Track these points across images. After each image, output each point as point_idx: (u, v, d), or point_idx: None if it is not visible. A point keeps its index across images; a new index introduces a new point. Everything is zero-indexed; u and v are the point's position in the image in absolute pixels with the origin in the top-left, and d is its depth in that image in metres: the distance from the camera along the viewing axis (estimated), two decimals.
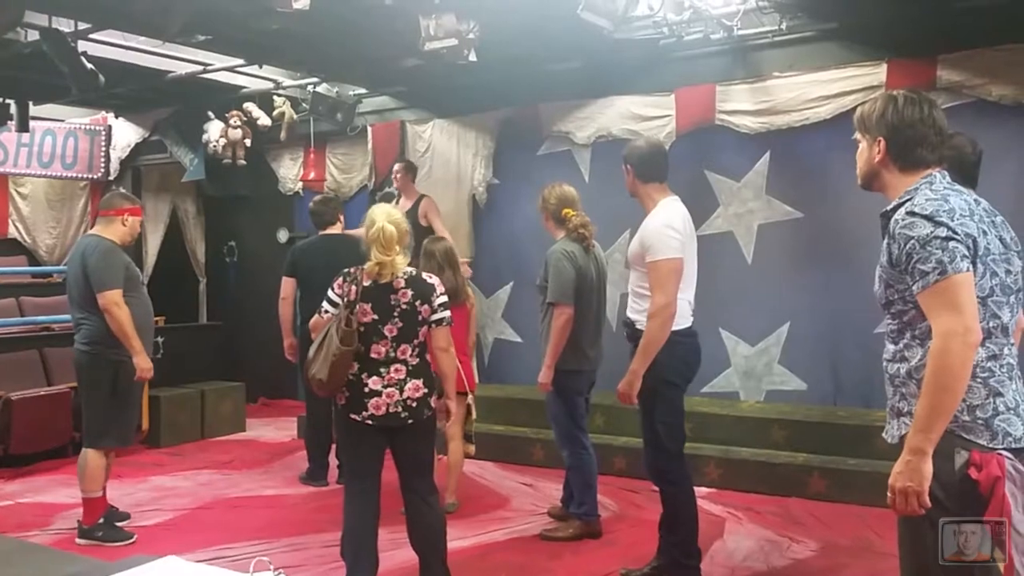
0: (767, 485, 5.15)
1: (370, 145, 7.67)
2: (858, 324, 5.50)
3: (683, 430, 3.82)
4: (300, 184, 8.35)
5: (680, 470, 3.79)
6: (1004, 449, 2.03)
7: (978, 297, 2.05)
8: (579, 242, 4.39)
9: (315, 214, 5.74)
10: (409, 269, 3.45)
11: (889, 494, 2.06)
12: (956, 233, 2.03)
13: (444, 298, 3.47)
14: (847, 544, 4.33)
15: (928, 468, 2.01)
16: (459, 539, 4.34)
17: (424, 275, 3.50)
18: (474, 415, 5.00)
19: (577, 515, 4.47)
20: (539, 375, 4.37)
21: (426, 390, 3.43)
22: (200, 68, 6.72)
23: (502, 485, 5.58)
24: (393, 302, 3.37)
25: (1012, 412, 2.08)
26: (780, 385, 6.02)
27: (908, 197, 2.17)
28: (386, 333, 3.37)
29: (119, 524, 4.66)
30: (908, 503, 2.02)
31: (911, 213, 2.10)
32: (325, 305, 3.43)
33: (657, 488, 3.85)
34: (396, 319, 3.37)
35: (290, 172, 8.49)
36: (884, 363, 2.24)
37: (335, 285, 3.44)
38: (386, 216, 3.43)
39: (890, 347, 2.23)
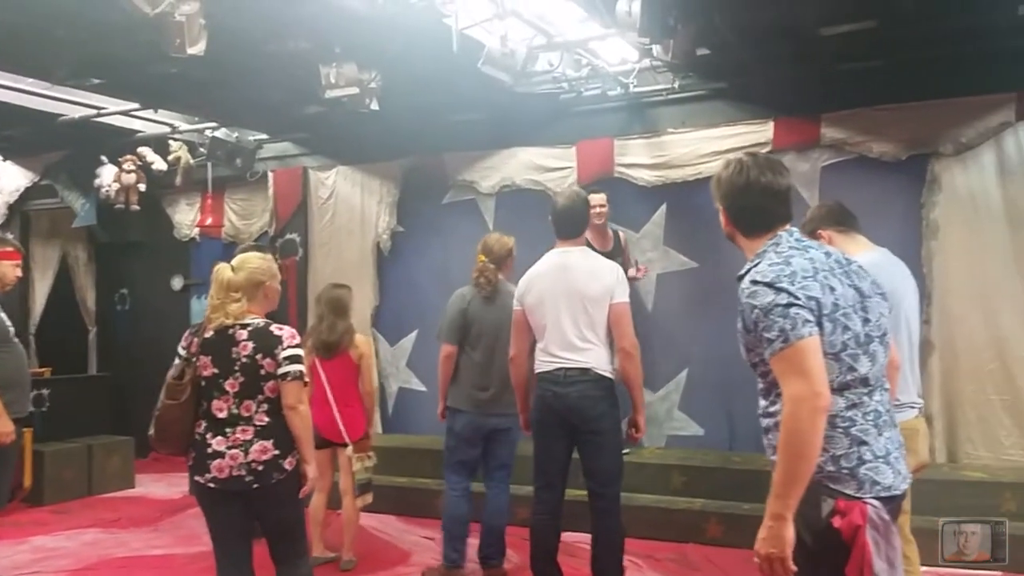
0: (666, 531, 5.21)
1: (271, 191, 7.57)
2: (751, 371, 5.65)
3: (538, 470, 3.97)
4: (196, 230, 8.14)
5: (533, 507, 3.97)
6: (873, 497, 2.07)
7: (830, 353, 2.07)
8: (476, 288, 4.49)
9: None
10: (255, 320, 3.19)
11: (755, 559, 2.08)
12: (797, 298, 2.06)
13: (294, 351, 3.16)
14: None
15: (789, 533, 2.03)
16: None
17: (273, 327, 3.19)
18: (361, 464, 4.79)
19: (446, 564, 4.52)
20: None
21: (277, 452, 3.12)
22: (94, 112, 6.53)
23: (403, 540, 5.47)
24: (234, 355, 3.13)
25: (881, 460, 2.11)
26: (679, 431, 6.15)
27: (756, 262, 2.21)
28: (227, 389, 3.14)
29: None
30: (773, 568, 2.05)
31: (754, 281, 2.14)
32: (177, 360, 3.25)
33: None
34: (237, 373, 3.13)
35: (186, 217, 8.28)
36: (758, 417, 2.28)
37: (183, 337, 3.27)
38: (240, 261, 3.27)
39: (761, 402, 2.27)
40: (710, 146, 5.96)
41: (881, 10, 4.66)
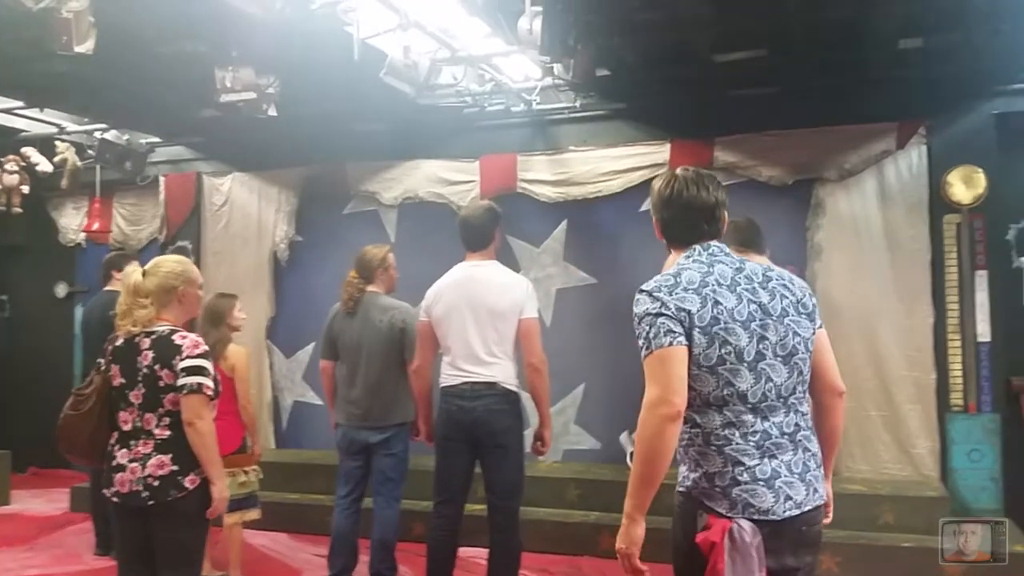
0: (561, 545, 5.25)
1: (162, 196, 7.30)
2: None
3: (439, 484, 3.98)
4: (83, 235, 7.77)
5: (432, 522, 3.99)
6: (747, 519, 2.10)
7: (705, 366, 2.11)
8: (341, 302, 4.52)
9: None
10: (161, 328, 3.05)
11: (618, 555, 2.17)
12: (667, 309, 2.12)
13: (194, 362, 2.99)
14: None
15: (637, 532, 2.12)
16: None
17: (176, 335, 3.04)
18: (234, 480, 4.52)
19: None
20: None
21: (175, 468, 2.98)
22: None
23: (295, 557, 5.34)
24: (138, 365, 3.02)
25: (761, 483, 2.12)
26: (576, 445, 6.22)
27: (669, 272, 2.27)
28: (132, 400, 3.03)
29: None
30: (623, 563, 2.15)
31: (640, 290, 2.21)
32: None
33: None
34: (140, 384, 3.01)
35: (72, 222, 7.90)
36: None
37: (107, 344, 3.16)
38: (154, 264, 3.15)
39: None
40: (610, 165, 6.08)
41: (771, 39, 4.87)
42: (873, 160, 5.55)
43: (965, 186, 5.34)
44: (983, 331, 5.32)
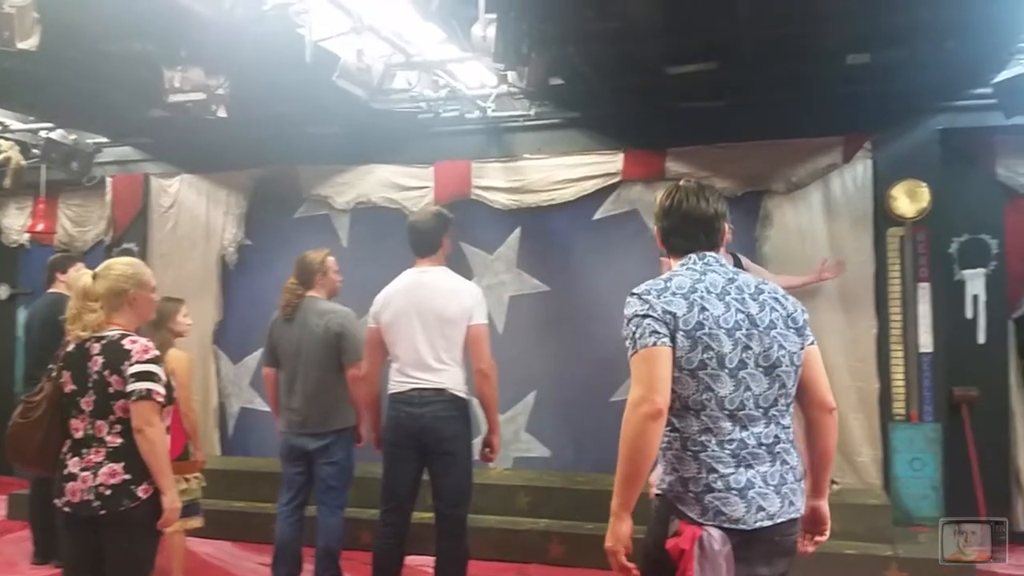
0: (510, 552, 5.24)
1: (109, 197, 7.14)
2: (597, 392, 5.84)
3: (386, 492, 3.96)
4: (27, 236, 7.59)
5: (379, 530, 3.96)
6: (717, 526, 2.12)
7: (687, 369, 2.15)
8: (279, 309, 4.48)
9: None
10: (112, 333, 2.98)
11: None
12: (653, 311, 2.18)
13: (143, 367, 2.91)
14: None
15: (622, 530, 2.15)
16: None
17: (127, 340, 2.96)
18: (181, 486, 4.56)
19: None
20: None
21: (128, 476, 2.90)
22: None
23: (239, 566, 5.25)
24: (88, 371, 2.94)
25: (735, 492, 2.14)
26: (526, 452, 6.21)
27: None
28: (84, 407, 2.94)
29: None
30: (611, 562, 2.16)
31: (631, 293, 2.26)
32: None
33: None
34: (91, 391, 2.93)
35: (15, 222, 7.72)
36: None
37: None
38: (104, 267, 3.06)
39: None
40: (564, 173, 6.10)
41: (722, 53, 4.93)
42: (820, 173, 5.66)
43: (909, 200, 5.46)
44: (925, 342, 5.44)
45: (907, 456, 5.39)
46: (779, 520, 2.19)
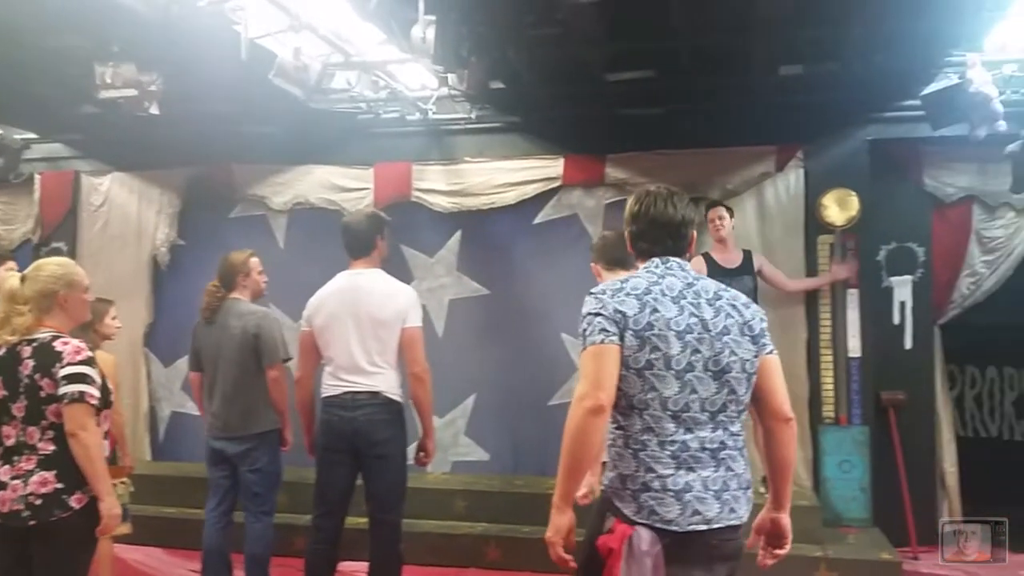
0: (447, 557, 5.21)
1: (37, 195, 6.91)
2: (536, 396, 5.87)
3: (318, 497, 3.90)
4: None
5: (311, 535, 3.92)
6: (648, 525, 2.14)
7: (634, 368, 2.18)
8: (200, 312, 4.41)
9: None
10: (43, 335, 2.89)
11: None
12: (605, 309, 2.22)
13: (75, 369, 2.83)
14: None
15: (562, 522, 2.18)
16: None
17: (58, 341, 2.88)
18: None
19: None
20: None
21: (60, 485, 2.80)
22: None
23: (169, 573, 5.16)
24: (19, 375, 2.84)
25: (671, 494, 2.16)
26: (465, 456, 6.19)
27: None
28: (15, 413, 2.84)
29: None
30: (550, 552, 2.21)
31: (590, 292, 2.31)
32: None
33: None
34: (22, 396, 2.83)
35: None
36: None
37: None
38: (34, 268, 2.97)
39: None
40: (505, 177, 6.11)
41: (660, 61, 5.01)
42: (754, 181, 5.78)
43: (839, 208, 5.60)
44: (854, 347, 5.59)
45: (836, 458, 5.52)
46: (716, 525, 2.19)
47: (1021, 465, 6.88)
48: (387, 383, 3.83)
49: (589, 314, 2.24)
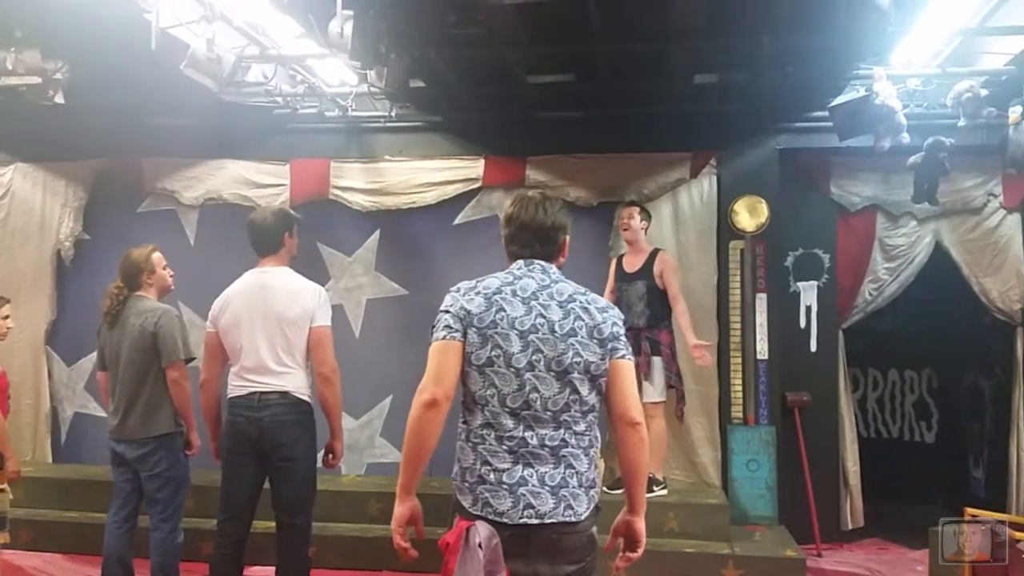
0: (360, 560, 5.15)
1: None
2: (453, 398, 5.81)
3: (223, 501, 3.83)
4: None
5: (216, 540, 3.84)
6: (482, 517, 2.23)
7: (476, 365, 2.27)
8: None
9: None
10: None
11: None
12: (453, 307, 2.32)
13: None
14: None
15: (400, 511, 2.33)
16: None
17: None
18: None
19: None
20: None
21: None
22: None
23: None
24: None
25: (505, 488, 2.24)
26: (381, 458, 6.14)
27: None
28: None
29: None
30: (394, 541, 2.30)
31: (448, 290, 2.40)
32: None
33: None
34: None
35: None
36: None
37: None
38: None
39: None
40: (425, 177, 6.09)
41: (579, 65, 5.06)
42: (669, 187, 5.90)
43: (749, 215, 5.77)
44: (762, 349, 5.76)
45: (744, 458, 5.67)
46: (551, 520, 2.25)
47: (921, 465, 7.23)
48: (295, 383, 3.76)
49: (440, 311, 2.33)
